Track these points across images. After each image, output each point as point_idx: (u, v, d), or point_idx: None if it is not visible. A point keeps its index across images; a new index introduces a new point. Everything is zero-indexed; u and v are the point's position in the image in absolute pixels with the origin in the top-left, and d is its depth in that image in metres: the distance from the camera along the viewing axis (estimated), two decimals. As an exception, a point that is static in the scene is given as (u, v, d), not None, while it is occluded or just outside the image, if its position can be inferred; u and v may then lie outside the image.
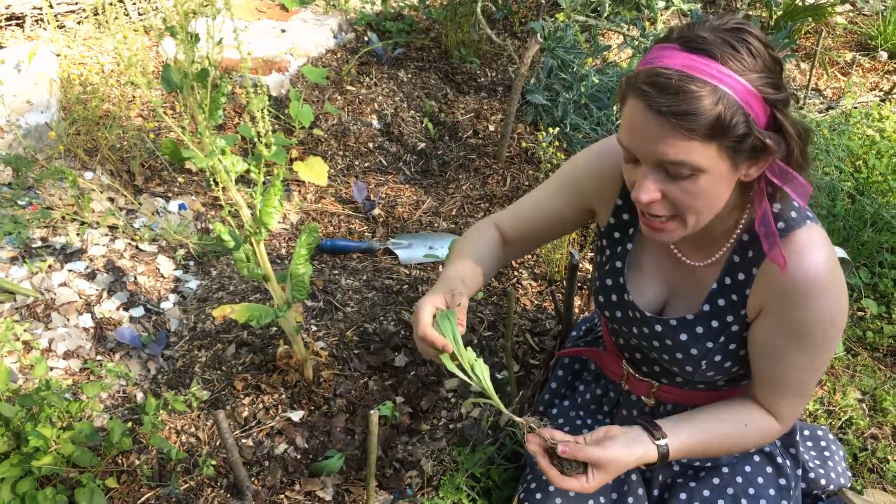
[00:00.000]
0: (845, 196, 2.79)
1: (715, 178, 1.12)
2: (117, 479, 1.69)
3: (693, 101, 1.04)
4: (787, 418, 1.33)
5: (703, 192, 1.13)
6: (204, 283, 2.26)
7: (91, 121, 2.41)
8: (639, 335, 1.45)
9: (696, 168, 1.09)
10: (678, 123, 1.05)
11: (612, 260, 1.46)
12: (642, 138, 1.10)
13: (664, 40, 1.13)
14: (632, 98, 1.11)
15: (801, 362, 1.26)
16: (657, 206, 1.16)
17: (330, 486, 1.71)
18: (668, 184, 1.13)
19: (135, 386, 1.94)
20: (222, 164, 1.59)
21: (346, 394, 1.94)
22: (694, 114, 1.04)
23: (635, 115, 1.10)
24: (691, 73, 1.05)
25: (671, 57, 1.08)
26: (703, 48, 1.07)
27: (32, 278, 2.14)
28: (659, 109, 1.06)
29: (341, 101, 2.99)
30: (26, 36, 3.05)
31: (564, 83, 2.67)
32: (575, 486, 1.23)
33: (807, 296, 1.19)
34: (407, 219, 2.59)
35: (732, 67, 1.06)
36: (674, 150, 1.07)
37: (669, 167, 1.11)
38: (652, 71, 1.08)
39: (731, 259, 1.29)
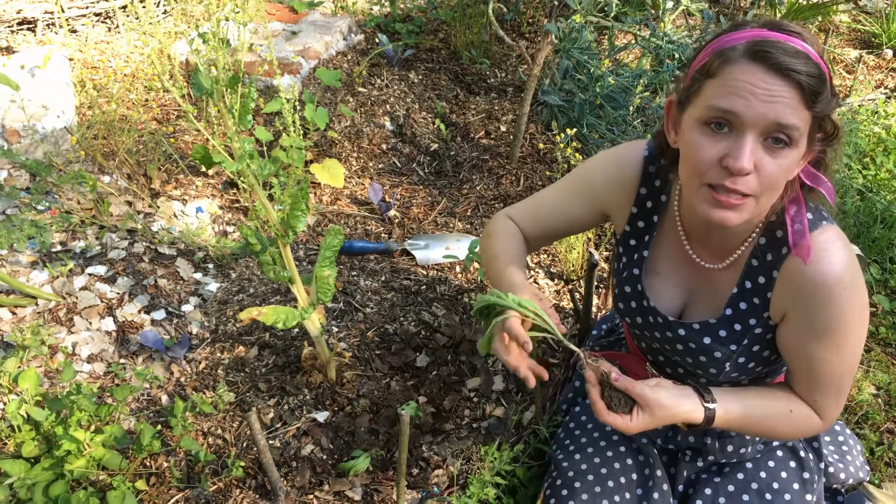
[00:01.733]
0: (855, 193, 2.81)
1: (797, 156, 1.13)
2: (147, 482, 1.71)
3: (811, 64, 1.06)
4: (827, 413, 1.35)
5: (786, 170, 1.13)
6: (224, 285, 2.28)
7: (108, 125, 2.42)
8: (662, 339, 1.46)
9: (796, 139, 1.10)
10: (804, 82, 1.06)
11: (629, 267, 1.48)
12: (762, 100, 1.08)
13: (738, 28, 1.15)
14: (742, 63, 1.10)
15: (832, 360, 1.27)
16: (747, 180, 1.13)
17: (358, 485, 1.73)
18: (763, 155, 1.12)
19: (159, 389, 1.95)
20: (250, 167, 1.60)
21: (369, 394, 1.96)
22: (817, 76, 1.06)
23: (754, 78, 1.08)
24: (798, 46, 1.07)
25: (769, 33, 1.09)
26: (791, 31, 1.10)
27: (53, 282, 2.15)
28: (788, 68, 1.06)
29: (353, 102, 3.01)
30: (38, 40, 3.06)
31: (580, 84, 2.69)
32: (619, 423, 1.24)
33: (829, 296, 1.21)
34: (422, 220, 2.60)
35: (817, 51, 1.10)
36: (790, 112, 1.08)
37: (780, 131, 1.09)
38: (762, 39, 1.09)
39: (749, 263, 1.31)
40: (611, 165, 1.46)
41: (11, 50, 2.96)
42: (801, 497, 1.53)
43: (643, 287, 1.44)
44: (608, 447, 1.63)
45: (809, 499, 1.54)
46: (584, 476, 1.57)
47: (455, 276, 2.37)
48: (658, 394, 1.25)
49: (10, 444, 1.63)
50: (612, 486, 1.55)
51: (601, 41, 3.49)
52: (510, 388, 2.01)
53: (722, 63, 1.12)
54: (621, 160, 1.43)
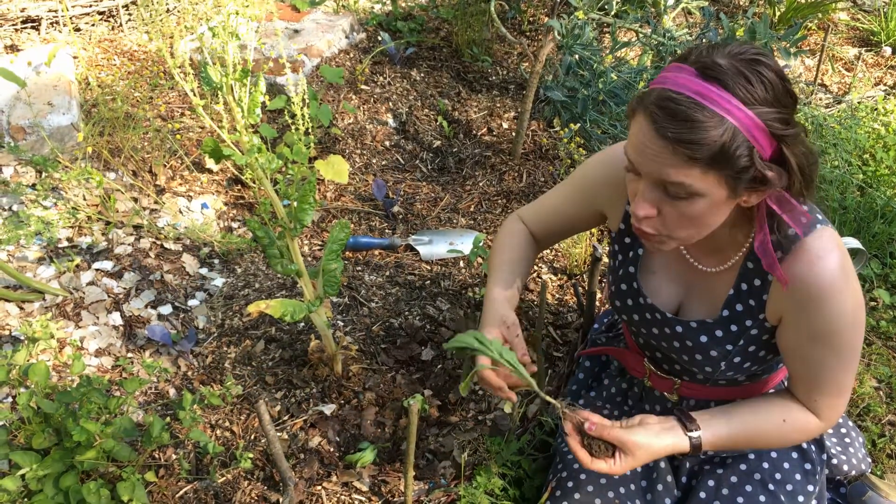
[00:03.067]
0: (855, 189, 2.83)
1: (712, 203, 1.14)
2: (156, 473, 1.72)
3: (699, 131, 1.06)
4: (827, 415, 1.36)
5: (697, 216, 1.16)
6: (229, 280, 2.29)
7: (113, 122, 2.43)
8: (659, 336, 1.48)
9: (693, 192, 1.12)
10: (681, 150, 1.07)
11: (624, 265, 1.49)
12: (646, 156, 1.13)
13: (681, 60, 1.15)
14: (641, 116, 1.13)
15: (831, 362, 1.28)
16: (649, 222, 1.19)
17: (366, 477, 1.74)
18: (665, 202, 1.16)
19: (167, 382, 1.97)
20: (259, 161, 1.62)
21: (374, 387, 1.97)
22: (698, 143, 1.06)
23: (642, 134, 1.13)
24: (701, 101, 1.07)
25: (685, 81, 1.10)
26: (717, 77, 1.08)
27: (60, 277, 2.16)
28: (665, 134, 1.08)
29: (356, 100, 3.02)
30: (42, 38, 3.07)
31: (582, 80, 2.71)
32: (603, 468, 1.27)
33: (824, 300, 1.22)
34: (426, 215, 2.62)
35: (743, 99, 1.07)
36: (675, 172, 1.10)
37: (669, 187, 1.13)
38: (663, 93, 1.10)
39: (745, 265, 1.32)
40: (606, 165, 1.48)
41: (16, 48, 2.98)
42: (804, 487, 1.54)
43: (639, 285, 1.46)
44: (612, 439, 1.65)
45: (812, 489, 1.55)
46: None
47: (459, 270, 2.39)
48: (635, 436, 1.27)
49: (20, 436, 1.64)
50: (616, 478, 1.56)
51: (601, 39, 3.52)
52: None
53: (633, 110, 1.17)
54: (615, 159, 1.45)
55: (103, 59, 2.99)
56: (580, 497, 1.53)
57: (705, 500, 1.52)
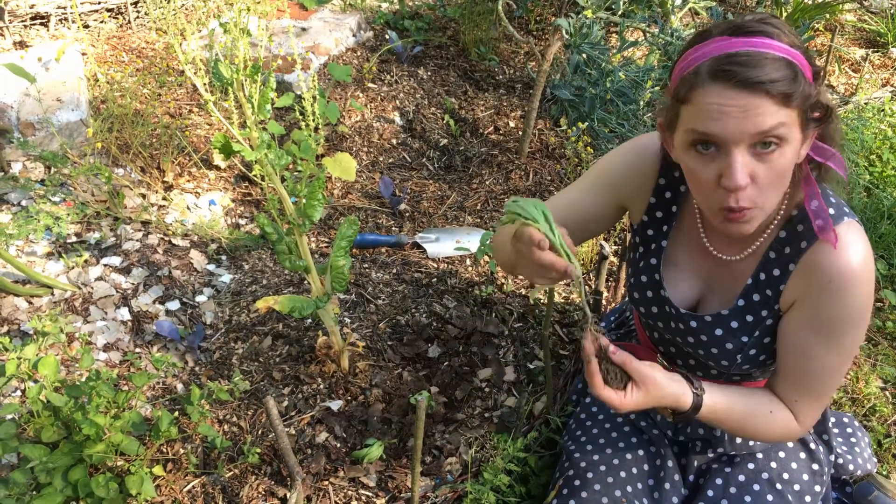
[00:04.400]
0: (862, 190, 2.83)
1: (794, 150, 1.15)
2: (164, 468, 1.73)
3: (776, 70, 1.08)
4: (804, 419, 1.36)
5: (785, 168, 1.15)
6: (237, 276, 2.30)
7: (122, 118, 2.44)
8: (674, 330, 1.48)
9: (783, 137, 1.12)
10: (773, 89, 1.08)
11: (646, 257, 1.49)
12: (736, 117, 1.11)
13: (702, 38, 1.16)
14: (709, 86, 1.12)
15: (823, 359, 1.28)
16: (746, 194, 1.16)
17: (373, 472, 1.75)
18: (756, 164, 1.14)
19: (175, 378, 1.98)
20: (268, 157, 1.63)
21: (381, 384, 1.98)
22: (782, 80, 1.08)
23: (720, 98, 1.11)
24: (761, 49, 1.10)
25: (730, 43, 1.12)
26: (756, 30, 1.12)
27: (69, 273, 2.17)
28: (751, 81, 1.08)
29: (364, 98, 3.03)
30: (51, 35, 3.08)
31: (590, 79, 2.71)
32: (612, 398, 1.25)
33: (843, 291, 1.22)
34: (432, 213, 2.63)
35: (786, 42, 1.11)
36: (771, 117, 1.09)
37: (764, 138, 1.11)
38: (722, 56, 1.11)
39: (767, 255, 1.32)
40: (630, 156, 1.47)
41: (25, 44, 2.99)
42: (811, 487, 1.55)
43: (660, 277, 1.46)
44: (619, 438, 1.65)
45: (819, 489, 1.56)
46: (596, 467, 1.59)
47: (465, 268, 2.40)
48: (654, 371, 1.27)
49: (29, 429, 1.65)
50: (623, 477, 1.57)
51: (608, 38, 3.52)
52: (521, 379, 2.04)
53: (690, 89, 1.15)
54: (641, 150, 1.45)
55: (112, 55, 3.00)
56: (587, 495, 1.53)
57: (713, 498, 1.52)
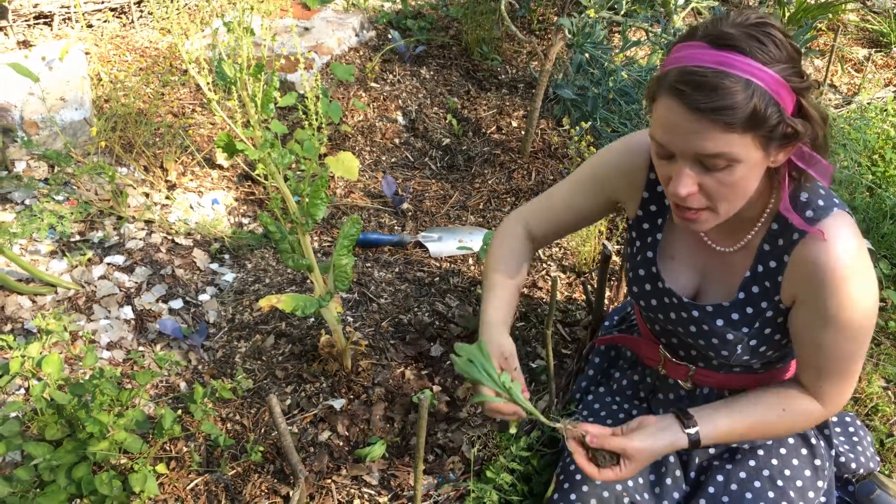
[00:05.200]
0: (864, 189, 2.83)
1: (749, 167, 1.15)
2: (167, 466, 1.73)
3: (730, 97, 1.07)
4: (832, 401, 1.36)
5: (737, 182, 1.16)
6: (240, 275, 2.30)
7: (125, 117, 2.45)
8: (676, 321, 1.48)
9: (733, 159, 1.13)
10: (717, 119, 1.08)
11: (643, 250, 1.50)
12: (680, 135, 1.13)
13: (688, 38, 1.16)
14: (665, 97, 1.14)
15: (840, 347, 1.29)
16: (693, 198, 1.20)
17: (375, 471, 1.75)
18: (705, 176, 1.16)
19: (178, 376, 1.98)
20: (271, 156, 1.63)
21: (384, 383, 1.98)
22: (732, 108, 1.08)
23: (671, 114, 1.13)
24: (725, 68, 1.09)
25: (702, 54, 1.11)
26: (732, 44, 1.10)
27: (72, 271, 2.18)
28: (697, 107, 1.09)
29: (366, 97, 3.03)
30: (54, 34, 3.09)
31: (592, 78, 2.72)
32: (610, 477, 1.29)
33: (838, 283, 1.22)
34: (435, 213, 2.63)
35: (761, 60, 1.10)
36: (713, 143, 1.11)
37: (707, 160, 1.14)
38: (685, 69, 1.11)
39: (761, 247, 1.33)
40: (621, 154, 1.49)
41: (28, 44, 3.00)
42: (813, 483, 1.55)
43: (658, 269, 1.47)
44: (621, 433, 1.66)
45: (821, 485, 1.56)
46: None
47: (468, 267, 2.40)
48: (634, 441, 1.29)
49: (33, 427, 1.66)
50: (624, 472, 1.57)
51: (611, 38, 3.52)
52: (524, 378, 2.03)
53: (655, 93, 1.17)
54: (632, 147, 1.47)
55: (115, 55, 3.01)
56: (588, 489, 1.54)
57: (714, 495, 1.52)
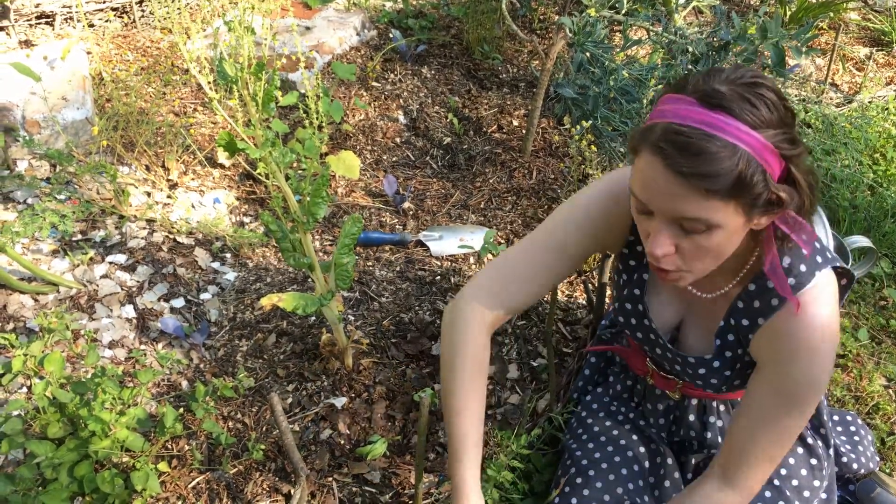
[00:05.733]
0: (865, 188, 2.83)
1: (729, 233, 1.13)
2: (168, 464, 1.74)
3: (714, 162, 1.03)
4: (751, 489, 1.35)
5: (715, 247, 1.14)
6: (241, 274, 2.31)
7: (127, 117, 2.45)
8: (660, 355, 1.51)
9: (712, 224, 1.10)
10: (699, 184, 1.04)
11: (629, 286, 1.49)
12: (660, 195, 1.10)
13: (677, 90, 1.12)
14: (648, 153, 1.09)
15: (781, 424, 1.29)
16: (669, 259, 1.17)
17: (377, 469, 1.76)
18: (682, 238, 1.14)
19: (179, 374, 1.99)
20: (273, 155, 1.63)
21: (385, 381, 1.99)
22: (715, 175, 1.03)
23: (653, 172, 1.09)
24: (711, 130, 1.04)
25: (689, 112, 1.06)
26: (721, 104, 1.05)
27: (74, 270, 2.18)
28: (679, 170, 1.04)
29: (367, 97, 3.04)
30: (56, 34, 3.10)
31: (593, 77, 2.72)
32: None
33: (810, 360, 1.23)
34: (436, 212, 2.63)
35: (750, 123, 1.05)
36: (693, 207, 1.07)
37: (686, 223, 1.11)
38: (669, 127, 1.06)
39: (735, 303, 1.32)
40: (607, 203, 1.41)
41: (30, 43, 3.00)
42: (810, 482, 1.55)
43: (644, 307, 1.47)
44: (620, 436, 1.66)
45: (817, 484, 1.56)
46: (598, 464, 1.60)
47: (469, 266, 2.40)
48: None
49: (35, 426, 1.66)
50: (625, 474, 1.58)
51: (611, 37, 3.52)
52: (524, 377, 2.04)
53: (638, 146, 1.12)
54: (617, 195, 1.39)
55: (116, 54, 3.01)
56: (589, 493, 1.54)
57: (712, 495, 1.53)
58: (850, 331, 2.36)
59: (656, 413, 1.65)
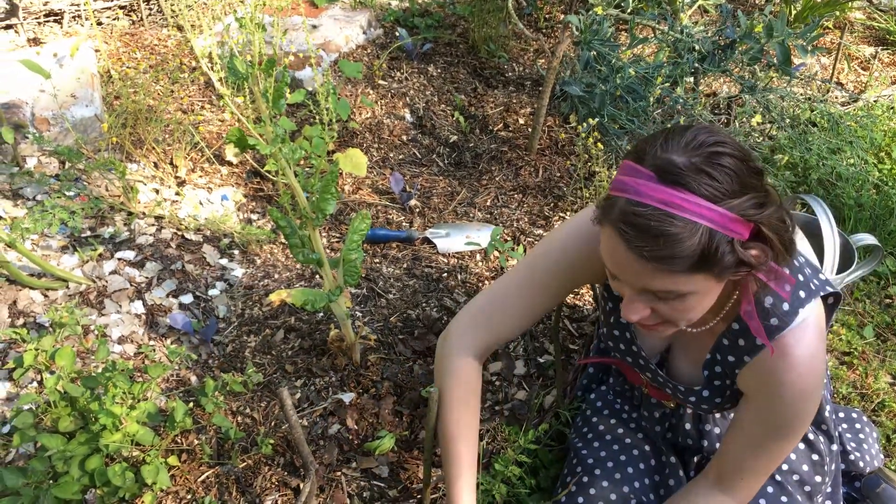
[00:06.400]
0: (871, 186, 2.84)
1: (703, 295, 1.13)
2: (178, 458, 1.75)
3: (674, 245, 1.02)
4: (746, 496, 1.39)
5: (691, 308, 1.14)
6: (249, 271, 2.32)
7: (136, 114, 2.46)
8: (652, 378, 1.53)
9: (684, 292, 1.10)
10: (660, 266, 1.05)
11: (616, 313, 1.50)
12: (624, 271, 1.10)
13: (635, 158, 1.09)
14: (610, 230, 1.09)
15: (772, 448, 1.32)
16: (647, 319, 1.17)
17: (385, 463, 1.77)
18: (657, 302, 1.14)
19: (188, 370, 2.00)
20: (282, 151, 1.65)
21: (392, 377, 2.00)
22: (677, 257, 1.03)
23: (616, 251, 1.09)
24: (670, 210, 1.02)
25: (646, 189, 1.04)
26: (678, 180, 1.03)
27: (83, 266, 2.19)
28: (641, 253, 1.04)
29: (374, 95, 3.05)
30: (64, 32, 3.11)
31: (600, 75, 2.73)
32: None
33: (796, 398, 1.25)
34: (442, 209, 2.64)
35: (710, 197, 1.02)
36: (659, 283, 1.08)
37: (656, 293, 1.11)
38: (628, 208, 1.05)
39: (720, 339, 1.33)
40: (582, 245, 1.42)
41: (39, 41, 3.02)
42: (811, 477, 1.56)
43: (632, 335, 1.49)
44: (625, 434, 1.68)
45: (819, 480, 1.57)
46: (604, 464, 1.61)
47: (476, 263, 2.41)
48: None
49: (46, 419, 1.68)
50: (631, 473, 1.59)
51: (617, 36, 3.53)
52: (532, 373, 2.05)
53: (602, 220, 1.12)
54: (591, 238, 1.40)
55: (124, 52, 3.03)
56: (595, 492, 1.56)
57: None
58: (856, 328, 2.36)
59: (653, 420, 1.66)
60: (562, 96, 3.07)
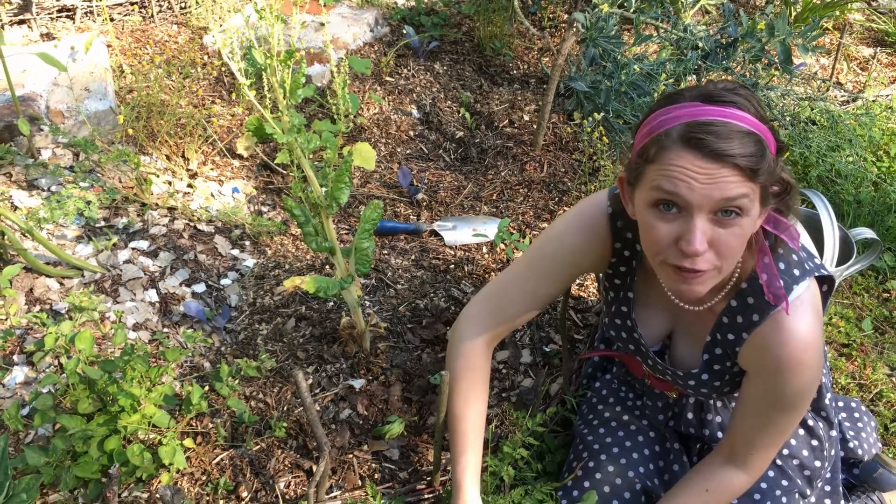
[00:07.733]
0: (869, 184, 2.89)
1: (751, 221, 1.18)
2: (193, 440, 1.79)
3: (746, 144, 1.11)
4: (759, 469, 1.44)
5: (741, 238, 1.18)
6: (260, 261, 2.36)
7: (149, 107, 2.51)
8: (652, 366, 1.57)
9: (744, 207, 1.14)
10: (741, 163, 1.11)
11: (617, 302, 1.55)
12: (703, 184, 1.13)
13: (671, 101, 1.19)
14: (675, 151, 1.14)
15: (781, 422, 1.37)
16: (704, 258, 1.18)
17: (395, 446, 1.81)
18: (717, 229, 1.17)
19: (201, 356, 2.04)
20: (298, 140, 1.69)
21: (401, 365, 2.04)
22: (750, 154, 1.11)
23: (689, 164, 1.13)
24: (732, 120, 1.13)
25: (703, 111, 1.15)
26: (728, 100, 1.15)
27: (98, 255, 2.24)
28: (719, 153, 1.10)
29: (381, 91, 3.10)
30: (77, 27, 3.16)
31: (605, 72, 2.78)
32: None
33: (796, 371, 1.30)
34: (449, 203, 2.69)
35: (753, 114, 1.15)
36: (733, 186, 1.12)
37: (727, 205, 1.14)
38: (695, 122, 1.13)
39: (720, 318, 1.38)
40: (581, 234, 1.48)
41: (51, 36, 3.06)
42: (811, 462, 1.60)
43: (633, 323, 1.53)
44: (630, 421, 1.72)
45: (818, 465, 1.61)
46: (610, 449, 1.65)
47: (482, 255, 2.46)
48: None
49: (65, 401, 1.72)
50: (636, 458, 1.63)
51: (621, 35, 3.57)
52: (537, 361, 2.09)
53: (658, 150, 1.16)
54: (590, 226, 1.46)
55: (136, 48, 3.07)
56: (601, 476, 1.60)
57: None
58: (855, 321, 2.41)
59: (655, 409, 1.70)
60: (566, 94, 3.12)
